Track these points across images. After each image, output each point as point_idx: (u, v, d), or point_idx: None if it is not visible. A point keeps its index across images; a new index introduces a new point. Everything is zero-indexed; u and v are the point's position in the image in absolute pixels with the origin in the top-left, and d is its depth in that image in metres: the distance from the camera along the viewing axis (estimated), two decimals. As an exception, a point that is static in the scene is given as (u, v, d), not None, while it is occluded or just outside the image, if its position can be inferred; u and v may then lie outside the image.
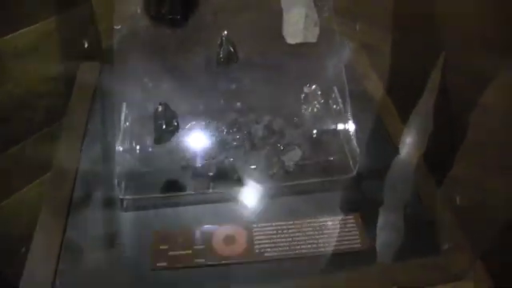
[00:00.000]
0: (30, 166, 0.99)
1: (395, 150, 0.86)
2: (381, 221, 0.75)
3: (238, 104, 0.87)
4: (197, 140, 0.82)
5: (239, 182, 0.79)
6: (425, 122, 0.89)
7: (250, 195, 0.78)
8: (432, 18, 0.87)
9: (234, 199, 0.77)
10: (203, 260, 0.69)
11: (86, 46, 0.98)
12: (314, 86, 0.86)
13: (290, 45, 0.84)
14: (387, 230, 0.74)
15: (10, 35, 0.89)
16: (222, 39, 0.82)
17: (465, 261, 0.69)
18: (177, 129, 0.78)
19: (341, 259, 0.70)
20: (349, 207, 0.77)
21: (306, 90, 0.86)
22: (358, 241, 0.71)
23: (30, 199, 1.00)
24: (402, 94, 0.96)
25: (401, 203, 0.78)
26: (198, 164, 0.80)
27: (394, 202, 0.78)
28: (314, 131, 0.85)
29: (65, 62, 1.01)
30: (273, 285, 0.67)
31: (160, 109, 0.77)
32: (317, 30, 0.84)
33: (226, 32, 0.82)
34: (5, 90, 0.92)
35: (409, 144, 0.88)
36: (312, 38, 0.84)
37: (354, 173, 0.79)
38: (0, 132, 0.94)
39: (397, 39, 0.99)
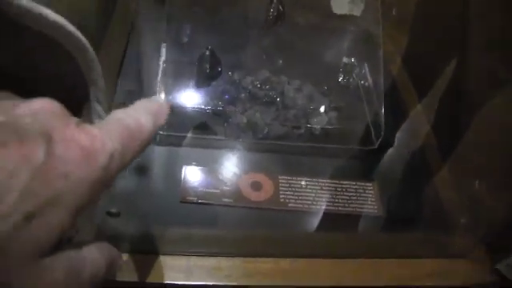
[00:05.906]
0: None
1: (415, 130, 0.91)
2: (395, 193, 0.80)
3: (280, 62, 0.90)
4: (234, 90, 0.85)
5: (267, 136, 0.82)
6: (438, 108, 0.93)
7: (277, 149, 0.82)
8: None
9: (261, 150, 0.81)
10: (231, 200, 0.73)
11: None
12: (352, 59, 0.90)
13: (335, 14, 0.87)
14: (400, 201, 0.80)
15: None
16: (273, -3, 0.84)
17: (469, 240, 0.75)
18: (219, 75, 0.81)
19: (356, 221, 0.75)
20: (367, 175, 0.81)
21: (345, 60, 0.90)
22: (374, 207, 0.76)
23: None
24: (422, 76, 0.99)
25: (415, 180, 0.83)
26: (232, 112, 0.83)
27: (409, 177, 0.84)
28: (344, 101, 0.89)
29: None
30: (295, 233, 0.72)
31: (207, 53, 0.79)
32: (362, 5, 0.88)
33: (277, -9, 0.84)
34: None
35: (425, 126, 0.92)
36: (356, 11, 0.88)
37: (376, 145, 0.84)
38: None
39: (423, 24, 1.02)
